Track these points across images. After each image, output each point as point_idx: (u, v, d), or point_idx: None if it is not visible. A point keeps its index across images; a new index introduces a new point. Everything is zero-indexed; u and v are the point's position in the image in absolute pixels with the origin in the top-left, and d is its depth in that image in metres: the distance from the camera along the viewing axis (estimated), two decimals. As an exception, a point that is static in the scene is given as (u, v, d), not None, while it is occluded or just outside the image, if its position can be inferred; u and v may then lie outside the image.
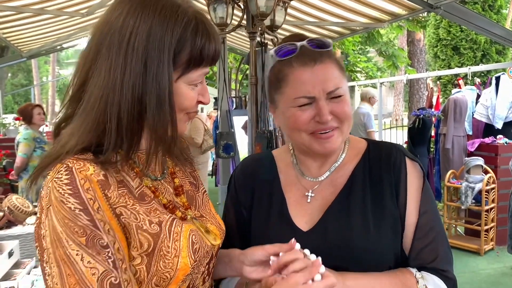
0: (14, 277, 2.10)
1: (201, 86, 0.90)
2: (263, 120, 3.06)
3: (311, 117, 0.97)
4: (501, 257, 4.69)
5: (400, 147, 1.08)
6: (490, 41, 9.80)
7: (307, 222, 1.03)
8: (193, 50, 0.83)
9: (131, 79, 0.80)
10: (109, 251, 0.77)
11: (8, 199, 3.27)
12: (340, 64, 1.01)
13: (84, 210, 0.76)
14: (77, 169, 0.78)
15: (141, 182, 0.88)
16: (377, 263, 0.97)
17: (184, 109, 0.89)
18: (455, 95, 5.82)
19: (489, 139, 5.23)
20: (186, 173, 1.05)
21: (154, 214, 0.85)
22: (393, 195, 1.01)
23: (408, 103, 12.24)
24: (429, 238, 0.99)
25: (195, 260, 0.87)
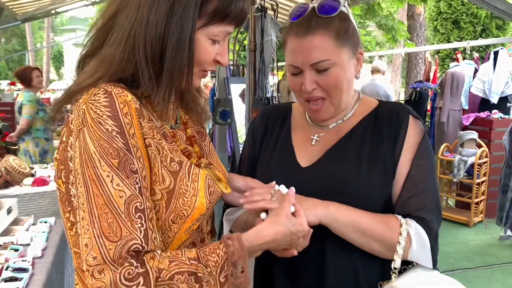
0: (13, 233, 2.14)
1: (222, 45, 0.90)
2: (261, 87, 3.07)
3: (300, 84, 1.05)
4: (489, 229, 4.81)
5: (407, 107, 1.12)
6: (491, 16, 9.73)
7: (308, 160, 1.11)
8: (220, 3, 0.84)
9: (157, 17, 0.81)
10: (137, 177, 0.78)
11: (5, 160, 3.28)
12: (340, 33, 1.02)
13: (121, 133, 0.77)
14: (116, 93, 0.79)
15: (162, 125, 0.91)
16: (367, 201, 1.03)
17: (200, 63, 0.89)
18: (453, 69, 5.82)
19: (484, 114, 5.27)
20: (195, 121, 1.08)
21: (175, 153, 0.88)
22: (391, 144, 1.06)
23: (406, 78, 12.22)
24: (418, 189, 1.03)
25: (210, 201, 0.90)
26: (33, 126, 4.67)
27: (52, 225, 2.34)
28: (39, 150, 4.72)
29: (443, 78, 5.78)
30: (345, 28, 1.03)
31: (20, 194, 2.97)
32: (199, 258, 0.79)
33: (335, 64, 1.02)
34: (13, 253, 1.87)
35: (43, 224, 2.28)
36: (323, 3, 1.03)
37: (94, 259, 0.74)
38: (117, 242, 0.74)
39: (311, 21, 1.02)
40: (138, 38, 0.82)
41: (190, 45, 0.83)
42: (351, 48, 1.05)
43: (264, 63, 3.07)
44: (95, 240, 0.74)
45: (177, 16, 0.81)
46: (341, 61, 1.03)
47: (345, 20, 1.04)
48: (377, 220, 1.00)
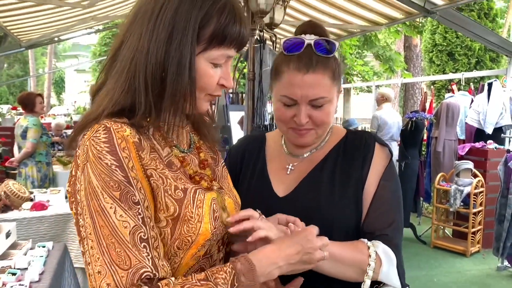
0: (11, 257, 2.15)
1: (224, 68, 0.93)
2: (259, 115, 3.14)
3: (292, 116, 1.10)
4: (487, 259, 4.79)
5: (373, 134, 1.22)
6: (485, 49, 9.93)
7: (284, 190, 1.17)
8: (217, 27, 0.86)
9: (156, 45, 0.85)
10: (139, 208, 0.81)
11: (5, 184, 3.31)
12: (335, 73, 1.10)
13: (119, 166, 0.80)
14: (114, 129, 0.82)
15: (170, 152, 0.93)
16: (340, 223, 1.08)
17: (203, 88, 0.91)
18: (448, 100, 5.91)
19: (480, 144, 5.33)
20: (208, 148, 1.11)
21: (180, 181, 0.90)
22: (359, 169, 1.13)
23: (403, 108, 12.36)
24: (383, 208, 1.10)
25: (215, 226, 0.91)
26: (37, 150, 4.72)
27: (50, 249, 2.35)
28: (41, 175, 4.76)
29: (439, 109, 5.87)
30: (338, 68, 1.12)
31: (18, 218, 2.99)
32: (208, 277, 0.81)
33: (329, 101, 1.10)
34: (10, 277, 1.88)
35: (41, 249, 2.30)
36: (319, 42, 1.09)
37: (108, 285, 0.77)
38: (128, 270, 0.77)
39: (312, 59, 1.07)
40: (139, 66, 0.85)
41: (191, 68, 0.86)
42: (339, 85, 1.14)
43: (262, 92, 3.15)
44: (107, 268, 0.77)
45: (176, 42, 0.85)
46: (332, 98, 1.11)
47: (336, 59, 1.12)
48: (347, 247, 1.04)
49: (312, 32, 1.11)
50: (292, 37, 1.12)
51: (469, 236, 4.86)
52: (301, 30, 1.14)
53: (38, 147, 4.71)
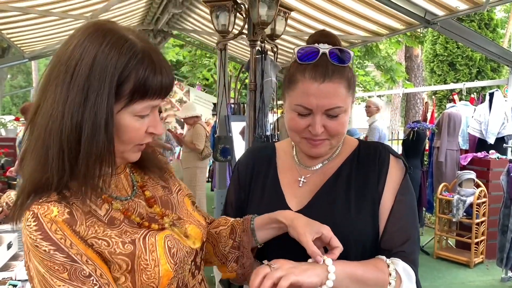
0: (12, 268, 2.15)
1: (151, 117, 0.90)
2: (261, 126, 3.14)
3: (306, 125, 1.08)
4: (491, 270, 4.75)
5: (386, 146, 1.19)
6: (486, 59, 9.95)
7: (297, 203, 1.14)
8: (136, 82, 0.84)
9: (72, 107, 0.81)
10: (92, 279, 0.82)
11: (6, 195, 3.31)
12: (350, 82, 1.08)
13: (58, 249, 0.80)
14: (42, 214, 0.81)
15: (109, 208, 0.91)
16: (358, 240, 1.06)
17: (131, 140, 0.90)
18: (449, 110, 5.92)
19: (482, 154, 5.32)
20: (156, 179, 1.07)
21: (125, 235, 0.88)
22: (375, 183, 1.11)
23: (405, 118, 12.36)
24: (401, 224, 1.08)
25: (175, 263, 0.91)
26: None
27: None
28: None
29: (440, 119, 5.87)
30: (353, 78, 1.10)
31: (20, 228, 2.98)
32: None
33: (345, 111, 1.08)
34: (11, 288, 1.87)
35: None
36: (334, 51, 1.07)
37: None
38: None
39: (328, 68, 1.05)
40: (53, 135, 0.82)
41: (107, 129, 0.83)
42: (353, 95, 1.12)
43: (264, 103, 3.15)
44: None
45: (91, 103, 0.81)
46: (348, 108, 1.09)
47: (351, 69, 1.10)
48: (368, 266, 1.01)
49: (325, 42, 1.09)
50: (305, 46, 1.10)
51: (473, 246, 4.82)
52: (313, 39, 1.12)
53: None
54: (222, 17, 3.14)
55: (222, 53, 3.84)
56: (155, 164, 1.07)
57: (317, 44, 1.09)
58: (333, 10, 4.90)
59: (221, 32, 3.17)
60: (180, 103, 12.13)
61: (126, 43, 0.84)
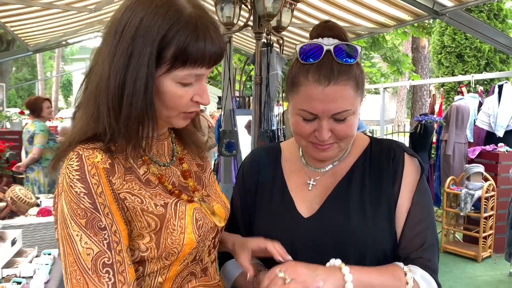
0: (16, 265, 2.13)
1: (197, 86, 0.90)
2: (266, 120, 3.10)
3: (312, 130, 1.00)
4: (499, 264, 4.71)
5: (400, 144, 1.11)
6: (494, 50, 9.82)
7: (308, 208, 1.07)
8: (177, 47, 0.84)
9: (116, 69, 0.84)
10: (106, 233, 0.83)
11: (11, 189, 3.30)
12: (358, 81, 0.99)
13: (88, 194, 0.83)
14: (86, 156, 0.84)
15: (147, 170, 0.94)
16: (375, 247, 1.00)
17: (175, 107, 0.90)
18: (458, 102, 5.84)
19: (490, 147, 5.25)
20: (194, 155, 1.10)
21: (159, 197, 0.91)
22: (390, 185, 1.04)
23: (411, 109, 12.27)
24: (419, 228, 1.02)
25: (200, 235, 0.93)
26: (43, 156, 4.71)
27: (56, 257, 2.33)
28: (48, 180, 4.76)
29: (448, 111, 5.80)
30: (362, 76, 1.00)
31: (25, 224, 2.96)
32: None
33: (353, 113, 0.99)
34: (15, 286, 1.86)
35: (47, 256, 2.28)
36: (340, 47, 0.97)
37: None
38: None
39: (333, 69, 0.95)
40: (102, 93, 0.85)
41: (146, 92, 0.84)
42: (362, 94, 1.03)
43: (269, 96, 3.11)
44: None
45: (133, 64, 0.83)
46: (356, 109, 1.00)
47: (359, 65, 1.00)
48: (385, 274, 0.96)
49: (330, 35, 1.00)
50: (308, 42, 1.00)
51: (480, 241, 4.78)
52: (317, 33, 1.02)
53: (45, 152, 4.70)
54: (227, 9, 3.09)
55: (227, 46, 3.79)
56: (196, 141, 1.09)
57: (320, 38, 1.00)
58: (340, 1, 4.82)
59: (225, 24, 3.12)
60: (185, 95, 12.10)
61: (172, 7, 0.84)
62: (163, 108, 0.90)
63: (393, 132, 9.58)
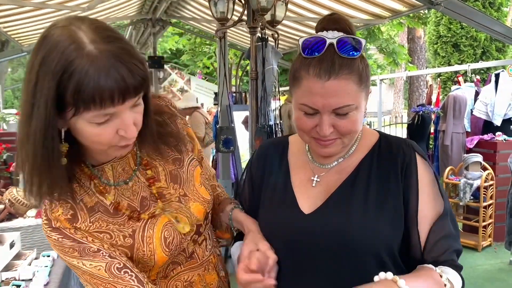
0: (15, 268, 2.12)
1: (117, 121, 0.85)
2: (263, 115, 3.08)
3: (314, 125, 0.98)
4: (499, 253, 4.72)
5: (411, 144, 1.07)
6: (490, 39, 9.82)
7: (310, 205, 1.05)
8: (74, 90, 0.78)
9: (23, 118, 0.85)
10: (102, 252, 0.93)
11: (9, 191, 3.28)
12: (362, 76, 0.95)
13: (65, 236, 0.93)
14: (50, 211, 0.95)
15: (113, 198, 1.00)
16: (374, 250, 0.98)
17: (99, 144, 0.89)
18: (455, 92, 5.84)
19: (488, 136, 5.25)
20: (170, 151, 1.08)
21: (127, 225, 0.98)
22: (400, 189, 1.01)
23: (408, 100, 12.26)
24: (443, 232, 1.00)
25: (171, 249, 1.01)
26: None
27: (55, 258, 2.31)
28: None
29: (445, 101, 5.80)
30: (365, 70, 0.97)
31: (23, 226, 2.95)
32: None
33: (356, 108, 0.96)
34: (15, 289, 1.85)
35: (46, 258, 2.26)
36: (344, 40, 0.94)
37: None
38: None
39: (334, 63, 0.93)
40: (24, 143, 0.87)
41: (44, 139, 0.83)
42: (367, 89, 0.99)
43: (266, 91, 3.09)
44: None
45: (35, 114, 0.82)
46: (360, 104, 0.97)
47: (363, 58, 0.97)
48: (428, 280, 0.93)
49: (335, 28, 0.96)
50: (311, 35, 0.97)
51: (480, 230, 4.79)
52: (321, 26, 0.99)
53: None
54: (221, 4, 3.06)
55: (222, 42, 3.77)
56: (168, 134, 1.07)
57: (325, 32, 0.96)
58: (334, -7, 4.80)
59: (220, 19, 3.09)
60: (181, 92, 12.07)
61: (70, 46, 0.78)
62: (93, 144, 0.90)
63: (390, 124, 9.57)
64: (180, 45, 13.79)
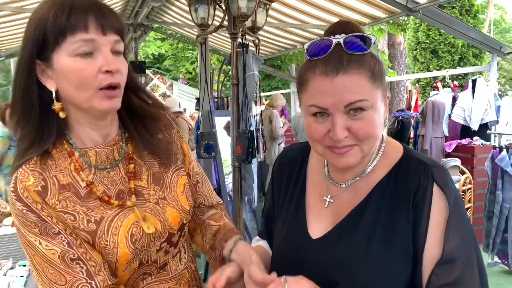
0: None
1: (99, 56, 0.89)
2: (245, 120, 3.08)
3: (326, 131, 0.88)
4: (477, 255, 4.80)
5: (431, 169, 0.90)
6: (467, 45, 10.04)
7: (319, 229, 0.98)
8: (52, 26, 0.87)
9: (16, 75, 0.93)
10: (62, 236, 0.90)
11: (-16, 199, 3.21)
12: (374, 72, 0.87)
13: (30, 210, 0.90)
14: (20, 180, 0.91)
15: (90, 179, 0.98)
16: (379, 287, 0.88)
17: (85, 82, 0.89)
18: (433, 97, 5.94)
19: (466, 141, 5.35)
20: (157, 154, 1.09)
21: (97, 211, 0.95)
22: (410, 221, 0.89)
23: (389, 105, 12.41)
24: (452, 277, 0.85)
25: (136, 247, 0.97)
26: (4, 163, 4.57)
27: (32, 268, 2.26)
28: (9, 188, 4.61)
29: (424, 107, 5.89)
30: (378, 67, 0.88)
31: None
32: None
33: (372, 106, 0.86)
34: (-11, 300, 1.80)
35: (22, 268, 2.22)
36: (351, 39, 0.87)
37: None
38: (64, 285, 0.89)
39: (342, 59, 0.85)
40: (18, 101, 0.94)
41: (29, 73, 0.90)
42: (383, 90, 0.90)
43: (247, 97, 3.09)
44: (48, 286, 0.90)
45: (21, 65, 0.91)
46: (376, 104, 0.87)
47: (375, 56, 0.89)
48: None
49: (343, 32, 0.89)
50: (317, 39, 0.91)
51: (459, 233, 4.86)
52: (328, 31, 0.93)
53: (6, 159, 4.56)
54: (201, 10, 3.06)
55: (203, 47, 3.75)
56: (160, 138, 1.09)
57: (332, 36, 0.89)
58: (315, 0, 4.84)
59: (200, 25, 3.09)
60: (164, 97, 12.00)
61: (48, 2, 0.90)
62: (77, 91, 0.90)
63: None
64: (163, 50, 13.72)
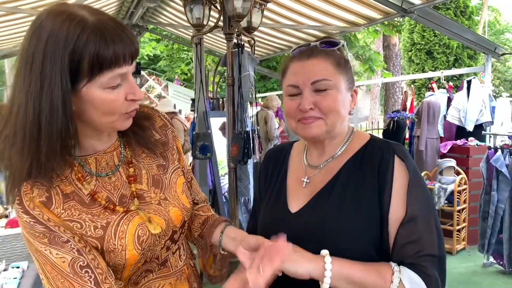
0: None
1: (126, 85, 0.93)
2: (240, 121, 3.07)
3: (297, 105, 1.06)
4: (472, 256, 4.81)
5: (394, 146, 1.07)
6: (462, 46, 10.08)
7: (298, 205, 1.12)
8: (90, 55, 0.85)
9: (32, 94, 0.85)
10: (71, 244, 0.92)
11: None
12: (339, 62, 1.07)
13: (37, 221, 0.91)
14: (24, 192, 0.92)
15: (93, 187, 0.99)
16: (351, 249, 0.99)
17: (113, 111, 0.93)
18: (429, 98, 5.95)
19: (461, 141, 5.37)
20: (155, 156, 1.12)
21: (102, 216, 0.97)
22: (375, 189, 1.02)
23: (384, 106, 12.45)
24: (413, 236, 0.98)
25: (143, 248, 0.99)
26: None
27: (25, 270, 2.25)
28: None
29: (420, 107, 5.90)
30: (344, 60, 1.09)
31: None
32: None
33: (335, 87, 1.05)
34: (-19, 302, 1.78)
35: (15, 270, 2.20)
36: (324, 41, 1.09)
37: None
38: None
39: (313, 50, 1.08)
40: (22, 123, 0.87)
41: (65, 107, 0.86)
42: (348, 80, 1.09)
43: (242, 98, 3.08)
44: None
45: (47, 87, 0.84)
46: (339, 87, 1.06)
47: (343, 55, 1.10)
48: (369, 270, 0.96)
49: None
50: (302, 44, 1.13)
51: (454, 234, 4.87)
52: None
53: None
54: (196, 10, 3.05)
55: (198, 48, 3.74)
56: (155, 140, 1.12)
57: None
58: (311, 0, 4.84)
59: (195, 26, 3.08)
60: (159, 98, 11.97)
61: (74, 20, 0.85)
62: (103, 116, 0.93)
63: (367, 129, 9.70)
64: (158, 51, 13.69)
